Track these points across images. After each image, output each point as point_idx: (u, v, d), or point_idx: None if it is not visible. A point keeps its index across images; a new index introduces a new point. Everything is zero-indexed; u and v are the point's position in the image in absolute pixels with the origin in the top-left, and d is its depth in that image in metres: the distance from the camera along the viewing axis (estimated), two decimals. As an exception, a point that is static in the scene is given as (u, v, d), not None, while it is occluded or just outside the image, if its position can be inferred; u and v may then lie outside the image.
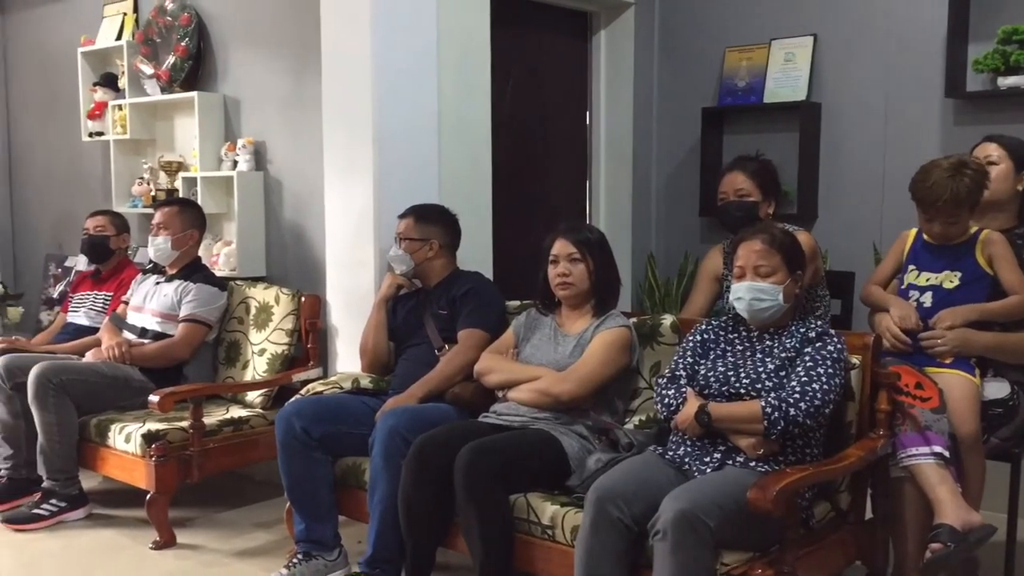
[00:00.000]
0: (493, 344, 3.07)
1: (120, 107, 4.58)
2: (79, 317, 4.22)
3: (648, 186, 4.89)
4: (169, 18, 4.33)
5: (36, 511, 3.53)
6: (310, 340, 3.79)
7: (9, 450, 3.66)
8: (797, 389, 2.37)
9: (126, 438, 3.43)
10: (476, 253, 3.70)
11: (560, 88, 4.76)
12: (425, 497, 2.67)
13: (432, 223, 3.36)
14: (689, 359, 2.60)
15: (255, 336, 3.87)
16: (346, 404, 3.14)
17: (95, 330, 4.04)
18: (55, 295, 5.04)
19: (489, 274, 3.68)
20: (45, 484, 3.56)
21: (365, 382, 3.28)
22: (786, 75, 4.34)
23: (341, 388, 3.23)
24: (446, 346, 3.20)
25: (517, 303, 3.30)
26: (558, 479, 2.66)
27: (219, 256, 4.20)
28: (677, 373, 2.59)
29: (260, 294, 3.92)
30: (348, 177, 3.59)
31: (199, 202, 4.14)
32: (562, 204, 4.78)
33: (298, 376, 3.70)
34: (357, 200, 3.56)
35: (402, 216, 3.38)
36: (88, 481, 3.72)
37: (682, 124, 4.72)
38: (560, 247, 2.93)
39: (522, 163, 4.50)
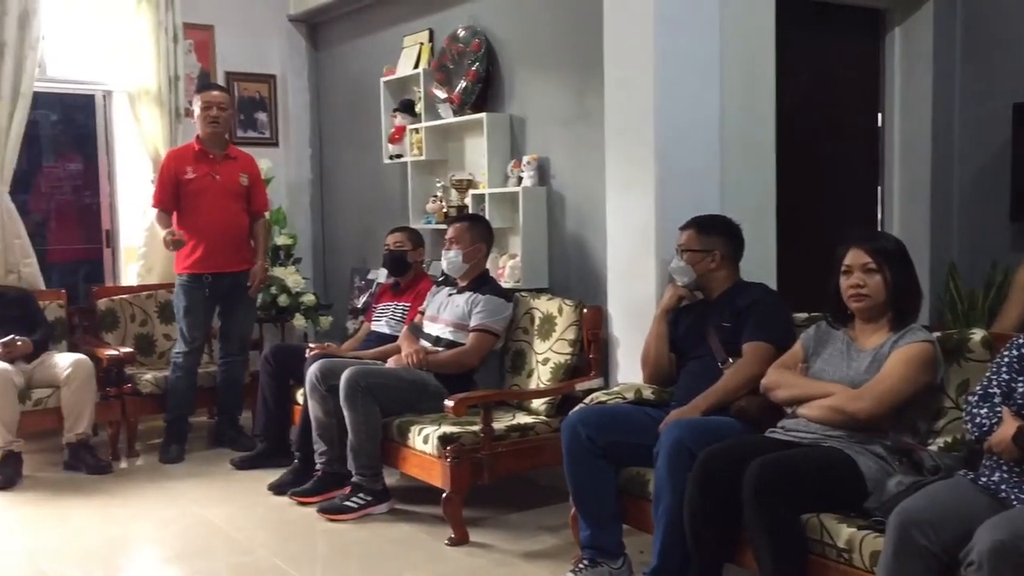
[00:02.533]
0: (781, 358, 2.98)
1: (417, 131, 4.92)
2: (381, 326, 4.56)
3: (949, 190, 4.55)
4: (461, 45, 4.61)
5: (346, 503, 3.84)
6: (592, 350, 3.87)
7: (324, 446, 4.01)
8: None
9: (424, 439, 3.66)
10: (760, 264, 3.61)
11: (849, 89, 4.55)
12: (711, 511, 2.63)
13: (714, 234, 3.31)
14: (1005, 376, 2.38)
15: (539, 346, 4.00)
16: (629, 414, 3.17)
17: (395, 338, 4.34)
18: (359, 305, 5.48)
19: (773, 285, 3.58)
20: (354, 479, 3.87)
21: (647, 393, 3.30)
22: (1118, 61, 3.87)
23: (624, 398, 3.27)
24: (730, 359, 3.14)
25: (805, 316, 3.19)
26: (853, 501, 2.52)
27: (505, 268, 4.39)
28: (990, 391, 2.38)
29: (544, 305, 4.05)
30: (629, 189, 3.63)
31: (487, 217, 4.35)
32: (852, 211, 4.56)
33: (581, 385, 3.78)
34: (638, 212, 3.59)
35: (683, 227, 3.36)
36: (389, 478, 3.99)
37: (990, 122, 4.35)
38: (854, 257, 2.78)
39: (808, 169, 4.34)
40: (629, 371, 3.65)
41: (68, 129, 5.93)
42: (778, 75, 3.76)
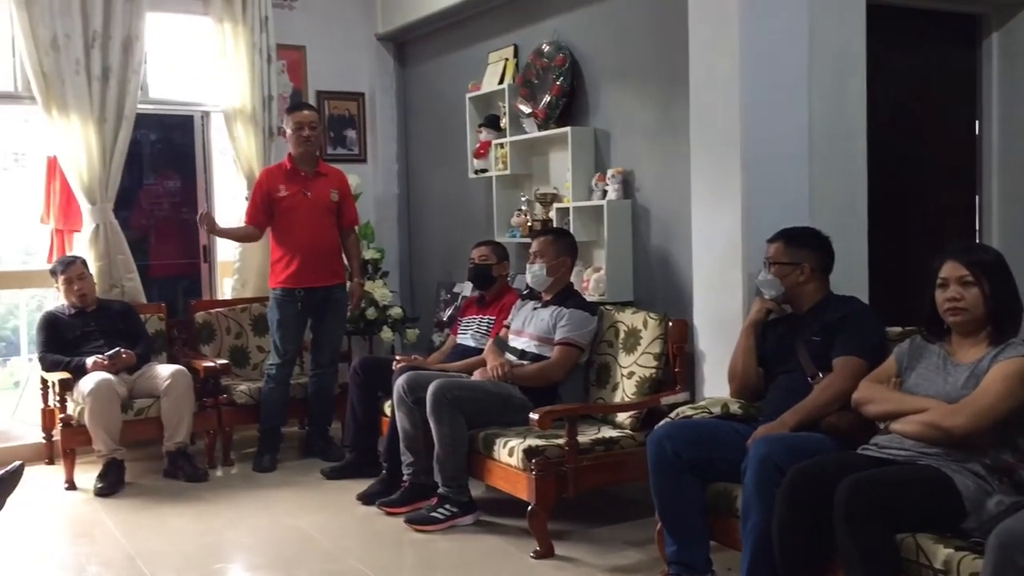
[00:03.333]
0: (873, 372, 2.91)
1: (502, 145, 4.96)
2: (466, 339, 4.60)
3: (1051, 199, 4.38)
4: (546, 60, 4.64)
5: (433, 514, 3.88)
6: (677, 364, 3.84)
7: (411, 457, 4.06)
8: None
9: (509, 452, 3.68)
10: (851, 277, 3.53)
11: (944, 97, 4.44)
12: (801, 530, 2.58)
13: (803, 246, 3.26)
14: (1112, 394, 2.28)
15: (624, 359, 3.99)
16: (716, 429, 3.13)
17: (480, 351, 4.38)
18: (445, 318, 5.55)
19: (865, 299, 3.50)
20: (440, 490, 3.91)
21: (734, 408, 3.25)
22: None
23: (710, 413, 3.23)
24: (820, 374, 3.09)
25: (898, 330, 3.11)
26: (949, 521, 2.45)
27: (590, 282, 4.39)
28: (1097, 410, 2.29)
29: (628, 318, 4.04)
30: (715, 202, 3.60)
31: (571, 231, 4.36)
32: (947, 222, 4.43)
33: (666, 399, 3.75)
34: (725, 224, 3.55)
35: (771, 240, 3.32)
36: (474, 490, 4.02)
37: (1094, 127, 4.18)
38: (950, 269, 2.70)
39: (901, 179, 4.24)
40: (716, 385, 3.61)
41: (167, 148, 6.16)
42: (869, 83, 3.69)
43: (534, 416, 3.60)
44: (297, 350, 5.12)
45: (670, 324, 3.86)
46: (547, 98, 4.60)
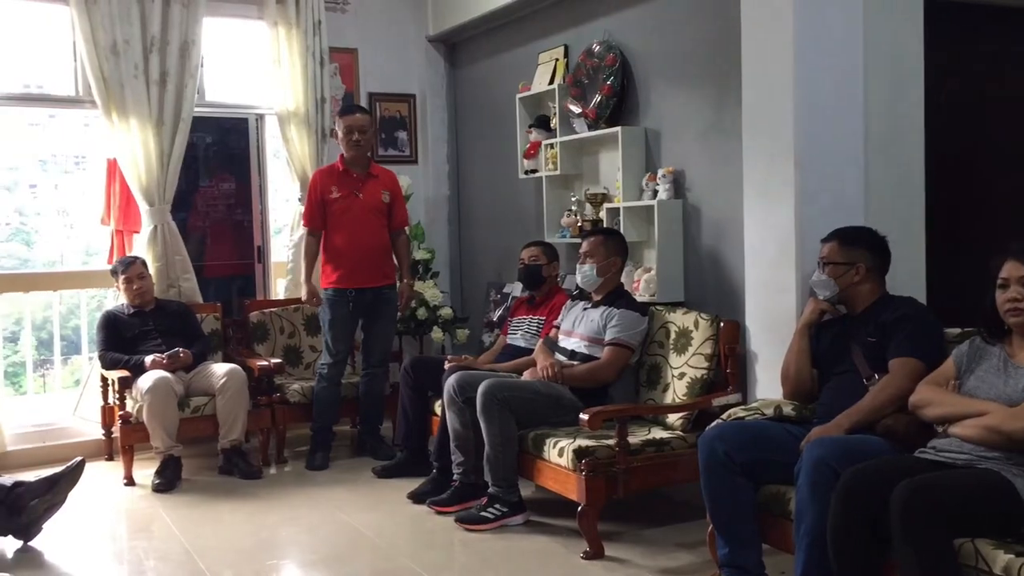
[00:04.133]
0: (931, 375, 2.85)
1: (552, 146, 4.96)
2: (517, 339, 4.61)
3: (1118, 197, 4.26)
4: (596, 59, 4.63)
5: (483, 514, 3.90)
6: (729, 365, 3.81)
7: (461, 457, 4.08)
8: None
9: (559, 452, 3.68)
10: (907, 277, 3.47)
11: (1005, 93, 4.32)
12: (856, 533, 2.54)
13: (858, 246, 3.22)
14: None
15: (675, 360, 3.96)
16: (769, 431, 3.10)
17: (530, 351, 4.38)
18: (495, 319, 5.57)
19: (923, 300, 3.44)
20: (490, 490, 3.92)
21: (787, 409, 3.21)
22: None
23: (763, 414, 3.20)
24: (875, 375, 3.04)
25: (957, 331, 3.05)
26: (1010, 525, 2.40)
27: (640, 282, 4.36)
28: None
29: (679, 319, 4.02)
30: (768, 201, 3.56)
31: (622, 231, 4.34)
32: (1009, 222, 4.31)
33: (718, 401, 3.72)
34: (777, 224, 3.52)
35: (825, 240, 3.28)
36: (524, 490, 4.02)
37: None
38: (1011, 269, 2.64)
39: (960, 179, 4.14)
40: (768, 387, 3.57)
41: (222, 151, 6.26)
42: (929, 79, 3.62)
43: (584, 416, 3.59)
44: (348, 350, 5.17)
45: (721, 325, 3.83)
46: (597, 98, 4.59)
